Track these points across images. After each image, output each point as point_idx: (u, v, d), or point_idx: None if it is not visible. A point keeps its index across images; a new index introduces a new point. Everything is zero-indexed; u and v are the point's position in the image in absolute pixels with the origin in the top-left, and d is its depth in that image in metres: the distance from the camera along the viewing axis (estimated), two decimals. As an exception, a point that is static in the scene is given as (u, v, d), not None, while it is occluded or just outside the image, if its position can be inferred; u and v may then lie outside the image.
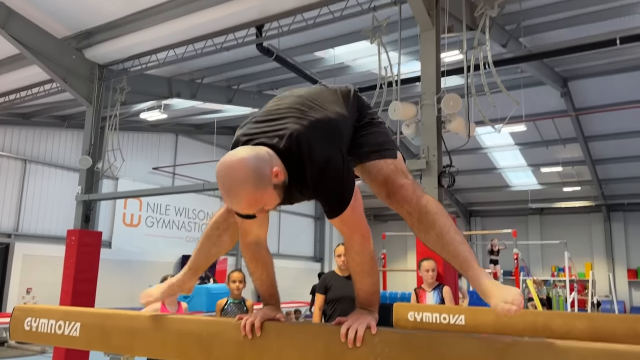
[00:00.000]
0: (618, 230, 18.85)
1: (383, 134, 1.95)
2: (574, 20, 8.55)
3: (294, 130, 1.60)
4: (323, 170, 1.59)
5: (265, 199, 1.51)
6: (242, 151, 1.52)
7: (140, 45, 8.08)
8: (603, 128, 13.86)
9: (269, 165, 1.50)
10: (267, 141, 1.59)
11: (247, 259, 1.95)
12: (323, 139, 1.62)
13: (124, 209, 14.64)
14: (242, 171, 1.46)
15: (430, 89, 5.51)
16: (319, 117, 1.67)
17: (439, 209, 1.83)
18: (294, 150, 1.58)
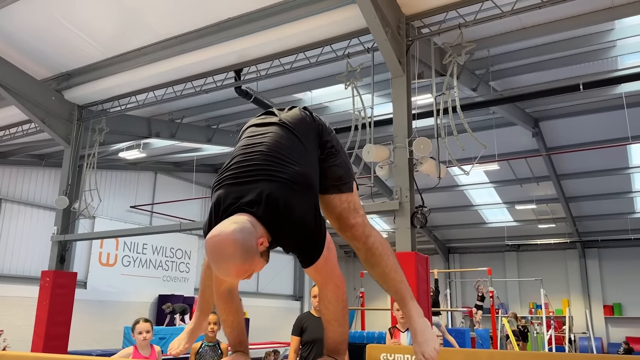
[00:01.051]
0: (593, 267, 19.13)
1: (342, 166, 2.01)
2: (540, 65, 8.95)
3: (270, 193, 1.65)
4: (298, 228, 1.68)
5: (253, 267, 1.60)
6: (228, 226, 1.56)
7: (120, 87, 8.20)
8: (575, 166, 14.27)
9: (254, 237, 1.57)
10: (247, 208, 1.64)
11: (220, 306, 2.02)
12: (297, 197, 1.69)
13: (100, 248, 14.45)
14: (230, 247, 1.52)
15: (402, 133, 5.71)
16: (291, 175, 1.72)
17: (384, 249, 1.97)
18: (271, 214, 1.64)
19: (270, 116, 1.99)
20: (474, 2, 5.85)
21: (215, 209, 1.72)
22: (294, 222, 1.67)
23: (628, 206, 16.35)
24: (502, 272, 19.89)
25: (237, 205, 1.66)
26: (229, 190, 1.72)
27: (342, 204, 1.97)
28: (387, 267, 1.96)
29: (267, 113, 2.04)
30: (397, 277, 1.97)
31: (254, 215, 1.62)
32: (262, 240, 1.59)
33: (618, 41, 8.28)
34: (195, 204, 17.33)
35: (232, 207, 1.66)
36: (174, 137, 11.05)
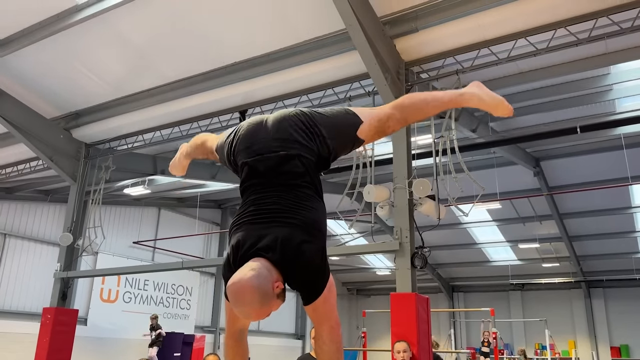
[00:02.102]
0: (599, 307, 18.88)
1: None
2: (539, 107, 9.12)
3: (284, 238, 1.82)
4: (306, 269, 1.84)
5: (270, 308, 1.77)
6: (246, 273, 1.73)
7: (128, 126, 8.40)
8: (577, 205, 14.29)
9: (270, 282, 1.75)
10: (263, 253, 1.81)
11: (229, 344, 2.10)
12: (308, 240, 1.85)
13: (102, 284, 14.43)
14: (249, 294, 1.70)
15: (402, 174, 5.82)
16: (303, 220, 1.88)
17: (414, 102, 2.13)
18: (286, 255, 1.81)
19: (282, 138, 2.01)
20: (471, 49, 6.05)
21: (234, 252, 1.88)
22: (303, 264, 1.83)
23: (632, 246, 16.28)
24: (506, 311, 19.65)
25: (253, 251, 1.83)
26: (247, 233, 1.88)
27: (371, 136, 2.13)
28: (427, 112, 2.19)
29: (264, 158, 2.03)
30: (435, 107, 2.17)
31: (269, 259, 1.80)
32: (278, 284, 1.77)
33: (614, 85, 8.46)
34: (198, 239, 17.36)
35: (249, 251, 1.84)
36: (178, 174, 11.19)
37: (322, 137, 2.03)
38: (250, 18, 6.60)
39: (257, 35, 6.84)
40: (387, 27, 6.11)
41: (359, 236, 12.77)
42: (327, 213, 2.09)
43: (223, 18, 6.73)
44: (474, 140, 9.19)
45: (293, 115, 2.07)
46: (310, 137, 2.02)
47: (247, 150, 2.03)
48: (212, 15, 6.73)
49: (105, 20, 6.87)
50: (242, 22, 6.69)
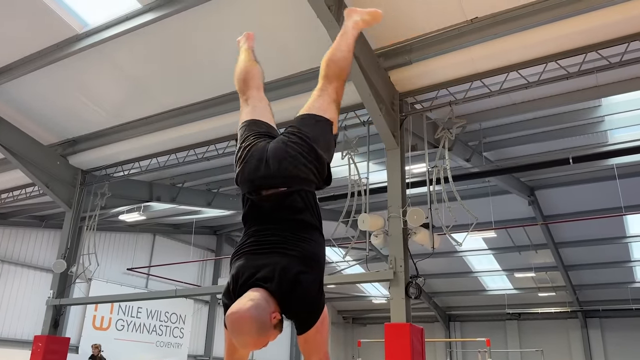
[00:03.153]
0: (596, 337, 18.72)
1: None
2: (532, 138, 9.23)
3: (283, 268, 1.88)
4: (302, 299, 1.88)
5: (267, 338, 1.81)
6: (245, 304, 1.78)
7: (125, 154, 8.45)
8: (572, 235, 14.31)
9: (268, 313, 1.79)
10: (262, 283, 1.86)
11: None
12: (306, 269, 1.91)
13: (95, 311, 14.26)
14: (247, 324, 1.75)
15: (396, 203, 5.86)
16: (302, 253, 1.95)
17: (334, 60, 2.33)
18: (283, 285, 1.86)
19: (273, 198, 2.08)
20: (464, 82, 6.17)
21: (234, 281, 1.95)
22: (300, 295, 1.87)
23: (627, 275, 16.25)
24: (503, 341, 19.45)
25: (252, 281, 1.89)
26: (247, 263, 1.95)
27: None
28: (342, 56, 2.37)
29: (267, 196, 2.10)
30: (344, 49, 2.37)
31: (268, 290, 1.85)
32: (275, 315, 1.81)
33: (606, 117, 8.59)
34: (192, 266, 17.24)
35: (248, 281, 1.89)
36: (174, 200, 11.22)
37: (318, 156, 2.14)
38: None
39: (254, 66, 6.95)
40: (382, 59, 6.23)
41: (355, 263, 12.74)
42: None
43: (220, 48, 6.85)
44: (468, 169, 9.26)
45: (290, 149, 2.13)
46: (309, 168, 2.11)
47: (250, 184, 2.13)
48: (209, 45, 6.86)
49: (104, 50, 6.99)
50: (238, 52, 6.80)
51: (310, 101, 2.38)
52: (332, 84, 2.34)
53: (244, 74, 2.61)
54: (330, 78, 2.34)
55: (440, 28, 5.97)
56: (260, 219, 2.07)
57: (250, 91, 2.55)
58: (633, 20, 5.40)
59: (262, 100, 2.54)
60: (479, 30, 5.80)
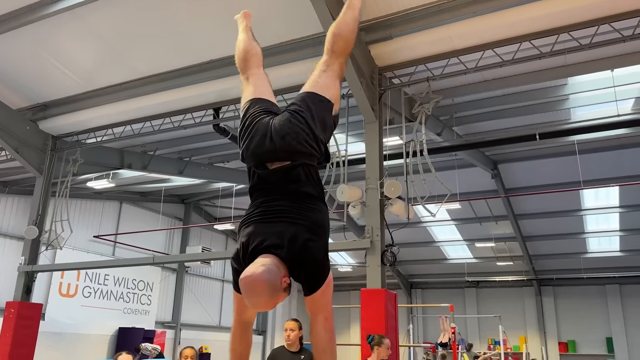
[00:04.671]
0: (549, 304, 19.80)
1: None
2: (500, 114, 9.57)
3: (291, 234, 2.04)
4: (310, 264, 2.06)
5: (277, 300, 1.98)
6: (258, 268, 1.93)
7: (98, 120, 8.32)
8: (531, 207, 14.97)
9: (278, 277, 1.95)
10: (272, 250, 2.02)
11: (235, 335, 2.27)
12: (313, 237, 2.07)
13: (61, 279, 14.11)
14: (260, 286, 1.90)
15: (374, 175, 6.06)
16: (309, 221, 2.10)
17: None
18: (292, 252, 2.02)
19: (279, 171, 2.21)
20: (441, 58, 6.35)
21: (244, 247, 2.10)
22: (309, 260, 2.05)
23: (581, 246, 17.16)
24: (462, 308, 20.32)
25: (263, 247, 2.04)
26: (256, 230, 2.10)
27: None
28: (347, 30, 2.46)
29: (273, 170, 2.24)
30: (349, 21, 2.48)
31: (278, 256, 2.00)
32: (285, 279, 1.98)
33: (571, 95, 8.97)
34: (160, 235, 17.18)
35: (259, 247, 2.05)
36: (145, 168, 11.13)
37: (317, 137, 2.27)
38: (227, 16, 6.67)
39: (234, 34, 6.91)
40: (363, 33, 6.33)
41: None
42: None
43: (200, 15, 6.79)
44: (439, 143, 9.54)
45: (294, 124, 2.25)
46: (311, 145, 2.24)
47: (255, 158, 2.26)
48: (189, 12, 6.78)
49: (79, 13, 6.81)
50: (219, 20, 6.75)
51: (315, 76, 2.50)
52: (338, 59, 2.47)
53: (245, 53, 2.72)
54: (336, 53, 2.46)
55: (421, 4, 6.10)
56: (266, 191, 2.21)
57: (251, 70, 2.66)
58: (603, 5, 5.67)
59: (263, 78, 2.68)
60: (457, 8, 5.96)
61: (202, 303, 18.48)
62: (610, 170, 12.17)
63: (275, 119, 2.32)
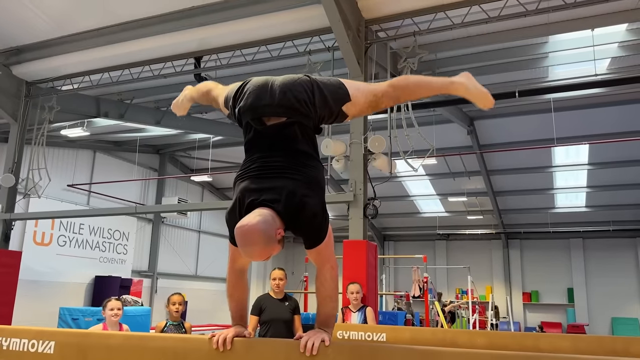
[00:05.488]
0: (515, 257, 20.63)
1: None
2: (481, 70, 9.62)
3: (289, 190, 2.07)
4: (309, 220, 2.10)
5: (272, 251, 2.02)
6: (254, 218, 1.97)
7: (74, 66, 8.08)
8: (503, 163, 15.35)
9: (274, 228, 1.99)
10: (269, 204, 2.05)
11: (230, 282, 2.34)
12: (310, 193, 2.11)
13: (35, 227, 13.98)
14: (255, 236, 1.94)
15: (358, 129, 6.12)
16: (306, 178, 2.14)
17: (406, 84, 2.32)
18: (289, 208, 2.06)
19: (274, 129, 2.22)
20: (428, 12, 6.33)
21: (240, 202, 2.13)
22: (306, 215, 2.09)
23: (549, 202, 17.77)
24: (432, 259, 20.99)
25: (259, 201, 2.06)
26: (253, 185, 2.12)
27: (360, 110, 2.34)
28: (420, 93, 2.42)
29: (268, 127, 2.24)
30: (426, 90, 2.38)
31: (274, 209, 2.04)
32: (280, 231, 2.02)
33: (550, 53, 9.08)
34: (135, 185, 17.05)
35: (255, 201, 2.07)
36: (122, 117, 10.93)
37: (315, 106, 2.26)
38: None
39: (217, -20, 6.73)
40: (351, -17, 6.23)
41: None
42: None
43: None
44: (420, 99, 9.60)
45: (298, 84, 2.25)
46: (308, 108, 2.25)
47: (252, 112, 2.24)
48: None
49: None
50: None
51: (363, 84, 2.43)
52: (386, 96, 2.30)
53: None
54: (393, 93, 2.31)
55: (409, -44, 6.02)
56: (263, 147, 2.22)
57: None
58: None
59: None
60: (446, -39, 5.91)
61: (179, 253, 18.62)
62: (582, 129, 12.50)
63: (281, 77, 2.33)
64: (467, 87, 2.27)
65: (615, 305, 18.65)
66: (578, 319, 18.82)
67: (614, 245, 19.17)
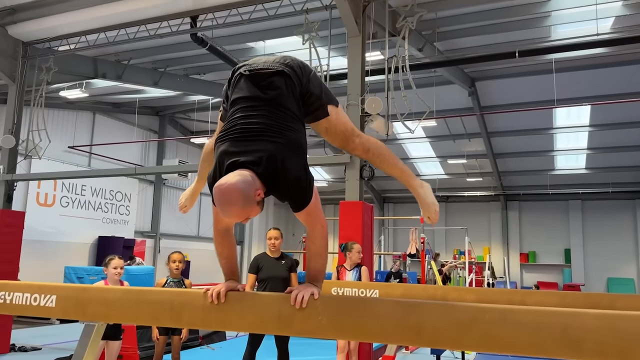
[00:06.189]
0: (513, 218, 20.83)
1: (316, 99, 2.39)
2: (482, 29, 9.52)
3: (270, 153, 2.06)
4: (292, 183, 2.10)
5: (250, 212, 2.03)
6: (233, 177, 1.97)
7: (70, 26, 7.98)
8: (504, 125, 15.31)
9: (253, 188, 1.98)
10: (249, 165, 2.04)
11: (217, 241, 2.40)
12: (291, 157, 2.10)
13: (38, 189, 14.13)
14: (234, 194, 1.94)
15: (356, 90, 6.11)
16: (287, 140, 2.13)
17: (382, 149, 2.46)
18: (270, 171, 2.06)
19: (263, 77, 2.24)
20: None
21: (220, 163, 2.12)
22: (289, 179, 2.09)
23: (549, 164, 17.81)
24: (431, 221, 21.17)
25: (240, 162, 2.05)
26: (232, 147, 2.10)
27: (338, 126, 2.40)
28: (391, 157, 2.48)
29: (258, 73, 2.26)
30: (399, 163, 2.49)
31: (254, 172, 2.03)
32: (259, 192, 2.02)
33: (553, 12, 8.94)
34: (135, 147, 17.11)
35: (236, 163, 2.06)
36: (120, 78, 10.88)
37: (308, 78, 2.30)
38: None
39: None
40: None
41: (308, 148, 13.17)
42: None
43: None
44: (419, 59, 9.51)
45: (296, 63, 2.32)
46: (301, 72, 2.30)
47: (247, 67, 2.29)
48: None
49: None
50: None
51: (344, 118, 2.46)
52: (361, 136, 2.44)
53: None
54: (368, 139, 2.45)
55: None
56: (247, 100, 2.20)
57: None
58: None
59: None
60: None
61: (180, 214, 18.83)
62: (584, 90, 12.42)
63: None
64: (425, 192, 2.47)
65: (612, 265, 18.94)
66: (574, 279, 19.16)
67: (613, 207, 19.31)
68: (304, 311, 2.10)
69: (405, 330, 1.94)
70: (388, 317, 1.96)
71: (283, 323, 2.14)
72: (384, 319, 1.96)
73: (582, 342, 1.65)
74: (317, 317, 2.09)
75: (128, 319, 2.63)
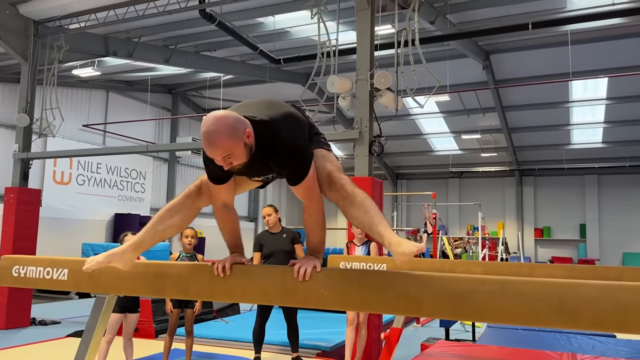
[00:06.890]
0: (528, 194, 20.66)
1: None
2: (496, 1, 9.31)
3: (268, 117, 2.09)
4: (289, 150, 2.10)
5: (235, 150, 1.95)
6: (226, 111, 2.00)
7: (80, 4, 8.00)
8: (519, 99, 15.08)
9: (244, 126, 1.97)
10: (247, 115, 2.05)
11: (218, 217, 2.44)
12: (290, 126, 2.13)
13: (54, 167, 14.34)
14: (222, 121, 1.91)
15: (365, 65, 6.05)
16: (287, 112, 2.18)
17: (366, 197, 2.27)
18: (266, 130, 2.06)
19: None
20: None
21: None
22: (285, 145, 2.08)
23: (565, 138, 17.56)
24: (444, 197, 21.14)
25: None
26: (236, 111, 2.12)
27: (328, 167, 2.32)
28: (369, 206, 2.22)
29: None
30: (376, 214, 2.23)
31: (250, 120, 2.03)
32: (249, 133, 1.99)
33: (568, -18, 8.72)
34: (149, 125, 17.21)
35: None
36: (131, 56, 10.89)
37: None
38: None
39: None
40: None
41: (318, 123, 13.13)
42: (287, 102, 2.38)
43: None
44: (431, 32, 9.37)
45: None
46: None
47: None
48: None
49: None
50: None
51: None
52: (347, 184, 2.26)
53: None
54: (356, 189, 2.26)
55: None
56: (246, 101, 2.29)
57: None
58: None
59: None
60: None
61: (194, 191, 18.99)
62: (600, 62, 12.16)
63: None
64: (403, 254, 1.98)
65: (628, 240, 18.78)
66: (589, 254, 19.05)
67: (629, 181, 19.06)
68: (307, 283, 2.14)
69: (407, 301, 1.96)
70: (388, 289, 1.98)
71: (286, 295, 2.18)
72: (385, 291, 1.99)
73: (580, 312, 1.66)
74: (320, 289, 2.13)
75: (138, 292, 2.70)
